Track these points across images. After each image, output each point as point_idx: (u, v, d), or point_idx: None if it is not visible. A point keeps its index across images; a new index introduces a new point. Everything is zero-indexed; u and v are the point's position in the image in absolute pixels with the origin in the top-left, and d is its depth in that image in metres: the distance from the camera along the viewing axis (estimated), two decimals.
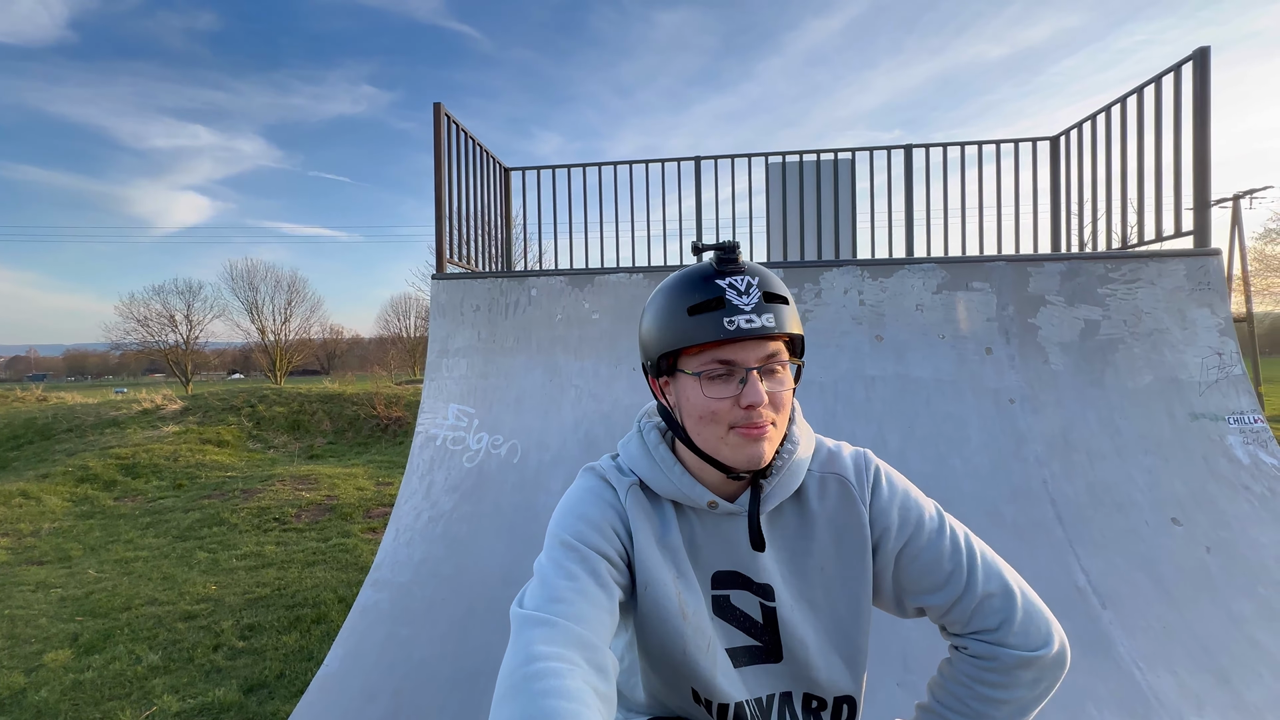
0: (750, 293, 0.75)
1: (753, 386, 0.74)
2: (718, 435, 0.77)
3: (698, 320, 0.75)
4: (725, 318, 0.74)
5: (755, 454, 0.76)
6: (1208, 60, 3.20)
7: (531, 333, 3.50)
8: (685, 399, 0.79)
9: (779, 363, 0.77)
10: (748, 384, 0.74)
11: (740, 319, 0.73)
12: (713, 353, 0.76)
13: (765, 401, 0.75)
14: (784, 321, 0.76)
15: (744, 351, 0.75)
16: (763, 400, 0.74)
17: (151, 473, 8.24)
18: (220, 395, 12.41)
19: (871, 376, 3.14)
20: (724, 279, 0.76)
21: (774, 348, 0.77)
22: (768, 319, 0.74)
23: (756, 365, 0.75)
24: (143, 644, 3.51)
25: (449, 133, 3.85)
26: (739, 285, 0.75)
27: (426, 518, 3.02)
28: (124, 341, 33.48)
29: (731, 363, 0.75)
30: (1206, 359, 2.98)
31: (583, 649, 0.68)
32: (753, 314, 0.74)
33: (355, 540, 5.39)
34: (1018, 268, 3.23)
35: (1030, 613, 0.79)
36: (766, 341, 0.76)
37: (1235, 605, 2.39)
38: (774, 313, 0.75)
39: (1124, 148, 3.71)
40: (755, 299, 0.74)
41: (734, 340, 0.75)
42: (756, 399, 0.74)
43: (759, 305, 0.74)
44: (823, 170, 4.84)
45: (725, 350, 0.75)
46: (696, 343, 0.76)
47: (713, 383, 0.76)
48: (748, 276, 0.76)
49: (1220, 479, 2.73)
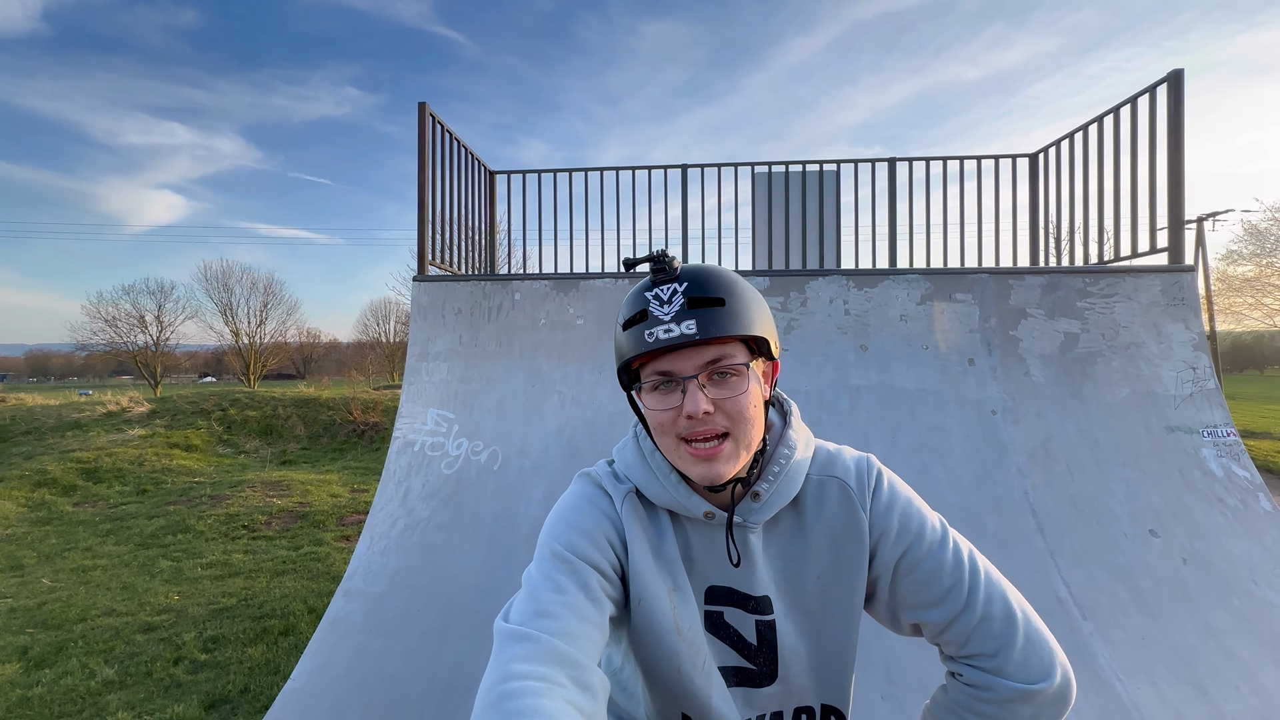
0: (673, 301, 0.72)
1: (691, 396, 0.72)
2: (672, 447, 0.76)
3: (629, 334, 0.75)
4: (646, 330, 0.72)
5: (708, 473, 0.74)
6: (1181, 83, 3.29)
7: (514, 337, 3.44)
8: (644, 411, 0.78)
9: (728, 367, 0.73)
10: (687, 393, 0.72)
11: (659, 330, 0.72)
12: (652, 364, 0.75)
13: (705, 411, 0.72)
14: (714, 325, 0.71)
15: (679, 361, 0.73)
16: (699, 410, 0.71)
17: (114, 477, 7.94)
18: (190, 398, 12.06)
19: (856, 386, 3.14)
20: (652, 290, 0.74)
21: (717, 352, 0.73)
22: (688, 325, 0.71)
23: (693, 374, 0.72)
24: (98, 657, 3.35)
25: (433, 133, 3.80)
26: (663, 295, 0.73)
27: (403, 525, 2.94)
28: (90, 342, 32.38)
29: (669, 373, 0.73)
30: (1181, 373, 3.03)
31: (566, 666, 0.64)
32: (671, 323, 0.71)
33: (328, 549, 5.23)
34: (999, 280, 3.27)
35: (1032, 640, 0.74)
36: (703, 347, 0.72)
37: (1212, 617, 2.42)
38: (698, 318, 0.71)
39: (1100, 166, 3.79)
40: (676, 307, 0.72)
41: (666, 351, 0.73)
42: (693, 408, 0.71)
43: (679, 313, 0.71)
44: (808, 181, 4.88)
45: (661, 361, 0.74)
46: (627, 357, 0.75)
47: (656, 394, 0.75)
48: (674, 284, 0.73)
49: (1195, 491, 2.78)
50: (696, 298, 0.72)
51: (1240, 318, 19.92)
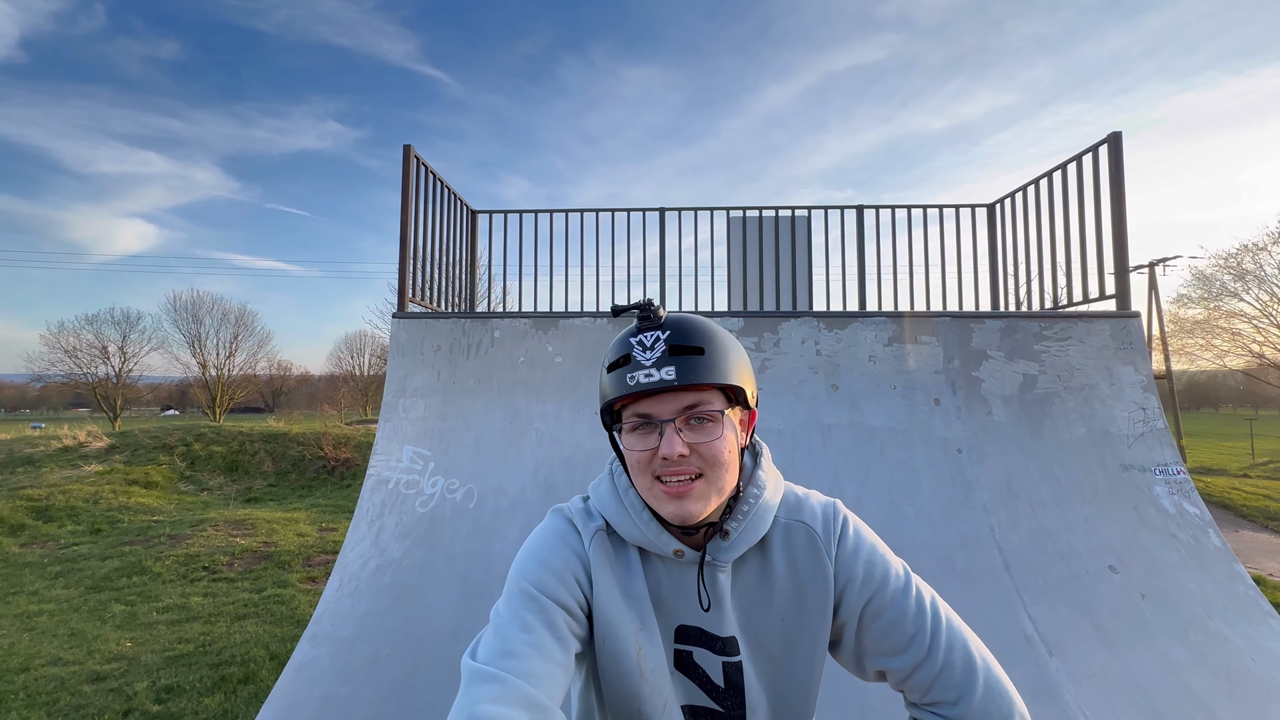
0: (655, 347, 0.76)
1: (667, 439, 0.75)
2: (647, 486, 0.78)
3: (613, 376, 0.79)
4: (628, 374, 0.76)
5: (680, 512, 0.76)
6: (1120, 143, 3.56)
7: (493, 374, 3.47)
8: (623, 450, 0.82)
9: (705, 413, 0.76)
10: (664, 436, 0.76)
11: (640, 374, 0.75)
12: (633, 406, 0.78)
13: (680, 453, 0.75)
14: (692, 373, 0.75)
15: (658, 405, 0.76)
16: (674, 453, 0.74)
17: (67, 516, 7.58)
18: (152, 432, 11.65)
19: (828, 424, 3.22)
20: (636, 336, 0.78)
21: (695, 398, 0.76)
22: (667, 372, 0.75)
23: (671, 417, 0.76)
24: (40, 710, 3.16)
25: (417, 174, 3.88)
26: (646, 341, 0.77)
27: (374, 565, 2.88)
28: (48, 373, 31.23)
29: (648, 416, 0.77)
30: (1132, 413, 3.19)
31: (532, 710, 0.67)
32: (652, 368, 0.75)
33: (293, 591, 5.05)
34: (961, 324, 3.42)
35: (992, 690, 0.75)
36: (681, 393, 0.76)
37: (1170, 652, 2.49)
38: (677, 365, 0.75)
39: (1052, 216, 4.04)
40: (658, 353, 0.76)
41: (647, 394, 0.76)
42: (668, 451, 0.75)
43: (660, 359, 0.75)
44: (781, 226, 5.07)
45: (641, 404, 0.77)
46: (610, 399, 0.79)
47: (635, 434, 0.78)
48: (657, 332, 0.78)
49: (1151, 528, 2.89)
50: (678, 345, 0.76)
51: (1193, 358, 20.81)
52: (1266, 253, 18.63)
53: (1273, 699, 2.32)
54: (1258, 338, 19.49)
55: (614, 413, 0.82)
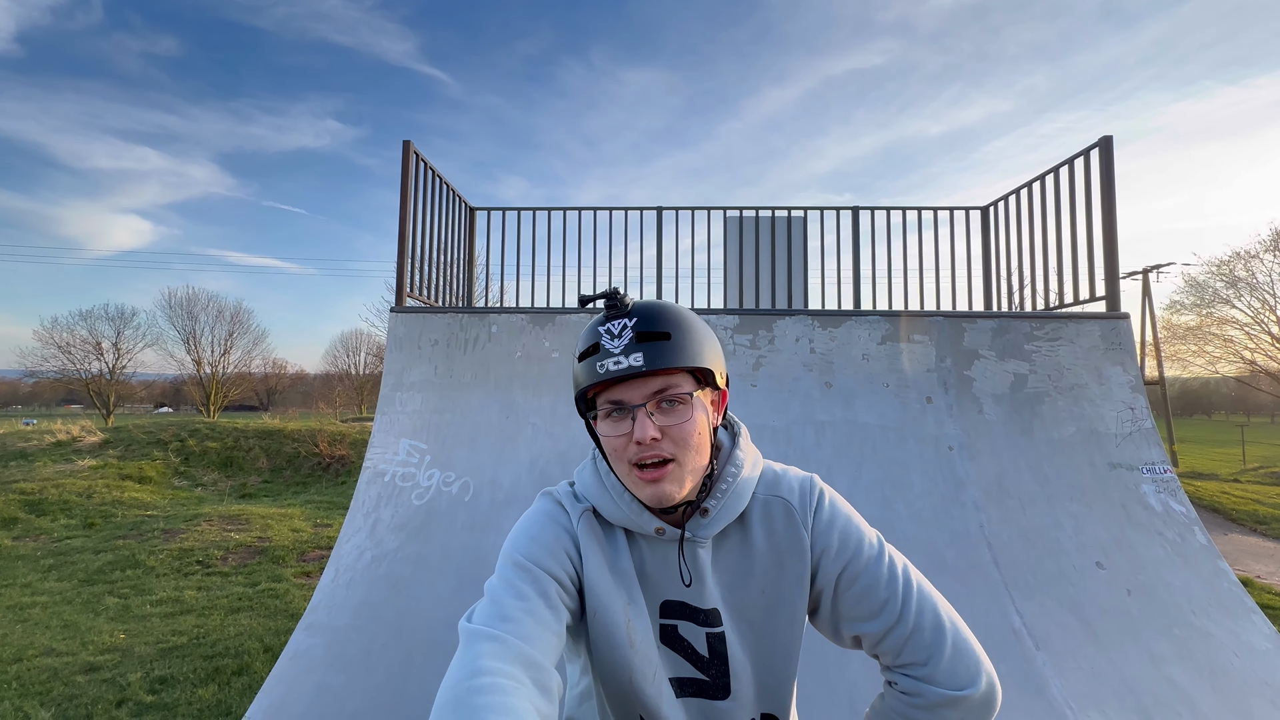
0: (622, 335, 0.78)
1: (640, 423, 0.77)
2: (624, 471, 0.81)
3: (583, 366, 0.81)
4: (598, 362, 0.78)
5: (657, 494, 0.79)
6: (1110, 147, 3.61)
7: (490, 369, 3.49)
8: (600, 436, 0.85)
9: (674, 397, 0.78)
10: (636, 421, 0.78)
11: (609, 361, 0.78)
12: (605, 394, 0.80)
13: (652, 437, 0.77)
14: (659, 357, 0.77)
15: (628, 390, 0.79)
16: (646, 436, 0.77)
17: (60, 510, 7.55)
18: (146, 428, 11.61)
19: (822, 422, 3.26)
20: (604, 324, 0.80)
21: (664, 382, 0.78)
22: (635, 358, 0.76)
23: (641, 402, 0.78)
24: (33, 700, 3.16)
25: (417, 170, 3.91)
26: (614, 329, 0.79)
27: (370, 557, 2.90)
28: (41, 369, 31.04)
29: (620, 402, 0.79)
30: (1121, 413, 3.23)
31: (529, 668, 0.69)
32: (620, 355, 0.77)
33: (287, 585, 5.05)
34: (954, 323, 3.47)
35: (960, 650, 0.78)
36: (650, 378, 0.78)
37: (1155, 646, 2.53)
38: (645, 351, 0.77)
39: (1044, 219, 4.09)
40: (626, 340, 0.78)
41: (616, 381, 0.79)
42: (641, 435, 0.77)
43: (629, 346, 0.77)
44: (777, 226, 5.12)
45: (612, 391, 0.80)
46: (583, 387, 0.81)
47: (609, 421, 0.80)
48: (624, 319, 0.79)
49: (1138, 525, 2.93)
50: (645, 332, 0.78)
51: (1185, 364, 20.98)
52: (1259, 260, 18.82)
53: (1254, 692, 2.36)
54: (1249, 344, 19.67)
55: (587, 400, 0.85)
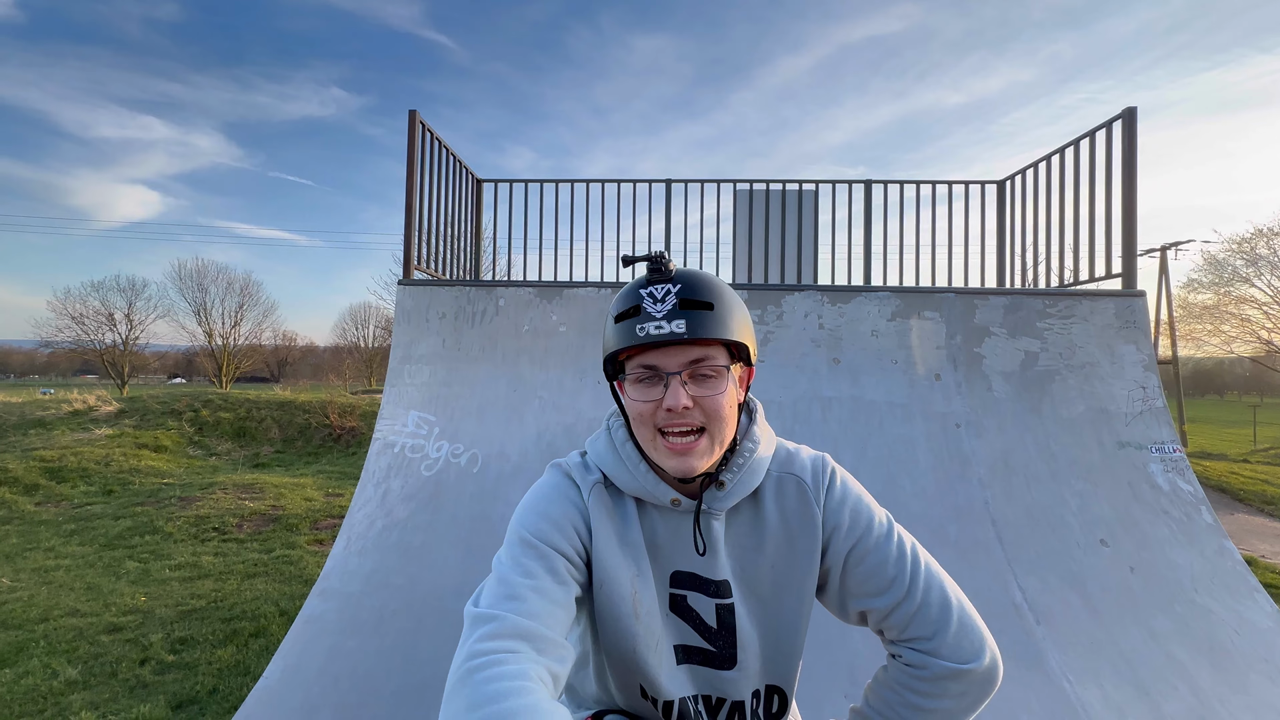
0: (665, 300, 0.77)
1: (673, 390, 0.77)
2: (648, 438, 0.81)
3: (620, 327, 0.80)
4: (638, 325, 0.77)
5: (681, 467, 0.79)
6: (1134, 120, 3.50)
7: (497, 342, 3.50)
8: (626, 401, 0.84)
9: (709, 368, 0.78)
10: (669, 388, 0.77)
11: (650, 325, 0.77)
12: (639, 358, 0.80)
13: (684, 406, 0.76)
14: (701, 327, 0.76)
15: (665, 357, 0.78)
16: (679, 404, 0.76)
17: (79, 477, 7.73)
18: (161, 398, 11.79)
19: (828, 398, 3.25)
20: (647, 288, 0.79)
21: (701, 352, 0.78)
22: (677, 325, 0.76)
23: (677, 370, 0.77)
24: (60, 658, 3.28)
25: (423, 140, 3.86)
26: (657, 294, 0.78)
27: (380, 526, 2.95)
28: (56, 339, 31.45)
29: (654, 368, 0.78)
30: (1132, 391, 3.20)
31: (530, 639, 0.70)
32: (663, 320, 0.76)
33: (300, 552, 5.18)
34: (965, 300, 3.42)
35: (965, 626, 0.80)
36: (689, 347, 0.78)
37: (1155, 622, 2.55)
38: (688, 318, 0.76)
39: (1062, 194, 4.00)
40: (669, 306, 0.77)
41: (654, 346, 0.78)
42: (673, 403, 0.76)
43: (671, 312, 0.77)
44: (788, 199, 5.03)
45: (648, 356, 0.79)
46: (617, 348, 0.80)
47: (639, 386, 0.80)
48: (668, 285, 0.78)
49: (1143, 503, 2.93)
50: (688, 299, 0.78)
51: (1200, 343, 20.69)
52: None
53: (1253, 668, 2.39)
54: (1267, 324, 19.34)
55: (617, 363, 0.84)
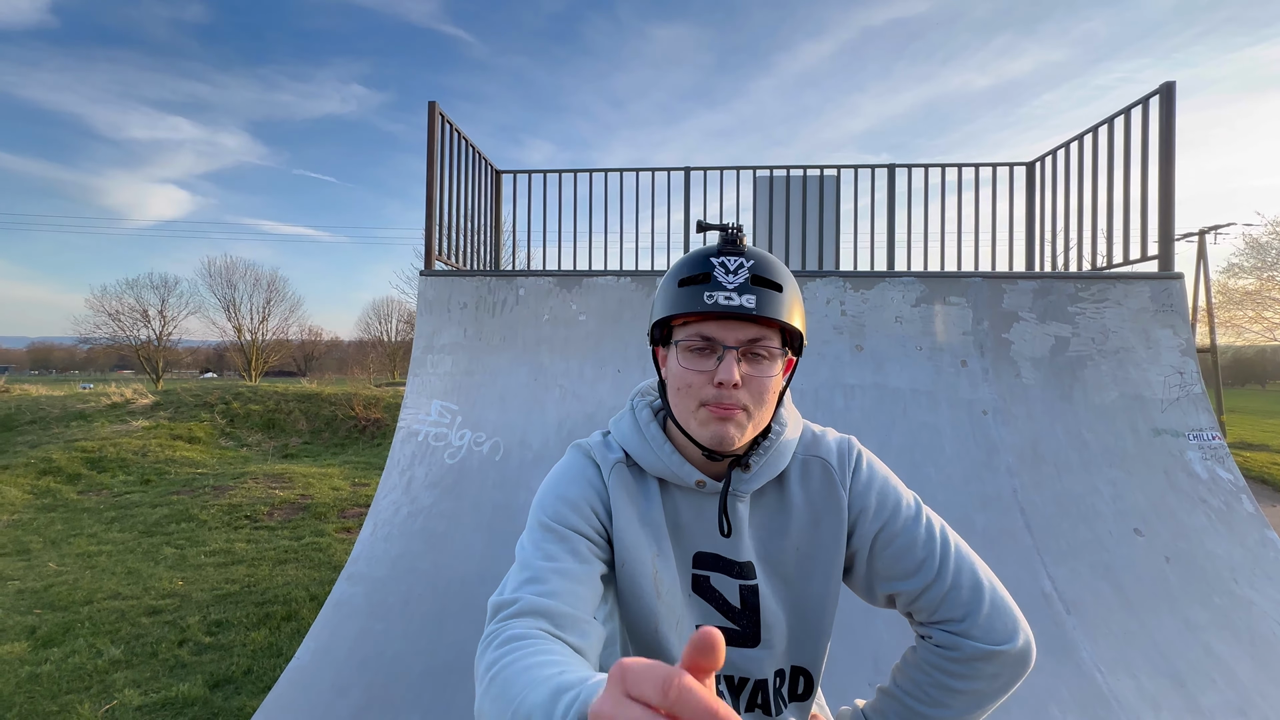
0: (738, 273, 0.76)
1: (727, 364, 0.75)
2: (689, 408, 0.79)
3: (684, 292, 0.78)
4: (706, 292, 0.75)
5: (720, 434, 0.77)
6: (1173, 95, 3.37)
7: (518, 331, 3.52)
8: (670, 368, 0.82)
9: (765, 349, 0.77)
10: (723, 361, 0.75)
11: (720, 295, 0.75)
12: (696, 326, 0.78)
13: (736, 382, 0.75)
14: (769, 306, 0.75)
15: (725, 330, 0.76)
16: (732, 380, 0.74)
17: (118, 467, 8.01)
18: (193, 391, 12.14)
19: (851, 385, 3.21)
20: (719, 257, 0.77)
21: (760, 332, 0.76)
22: (748, 299, 0.74)
23: (735, 345, 0.76)
24: (104, 638, 3.41)
25: (443, 132, 3.88)
26: (730, 265, 0.76)
27: (405, 513, 3.01)
28: (93, 336, 32.57)
29: (711, 339, 0.76)
30: (1169, 377, 3.10)
31: (550, 616, 0.70)
32: (734, 293, 0.74)
33: (329, 539, 5.30)
34: (993, 284, 3.34)
35: (998, 607, 0.79)
36: (750, 324, 0.76)
37: (1192, 614, 2.48)
38: (758, 295, 0.75)
39: (1095, 175, 3.87)
40: (741, 279, 0.75)
41: (715, 316, 0.76)
42: (726, 377, 0.74)
43: (743, 285, 0.75)
44: (809, 186, 4.96)
45: (707, 326, 0.77)
46: (678, 312, 0.78)
47: (691, 355, 0.78)
48: (741, 258, 0.77)
49: (1180, 492, 2.84)
50: (760, 277, 0.76)
51: (1240, 330, 19.95)
52: None
53: None
54: None
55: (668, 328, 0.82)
